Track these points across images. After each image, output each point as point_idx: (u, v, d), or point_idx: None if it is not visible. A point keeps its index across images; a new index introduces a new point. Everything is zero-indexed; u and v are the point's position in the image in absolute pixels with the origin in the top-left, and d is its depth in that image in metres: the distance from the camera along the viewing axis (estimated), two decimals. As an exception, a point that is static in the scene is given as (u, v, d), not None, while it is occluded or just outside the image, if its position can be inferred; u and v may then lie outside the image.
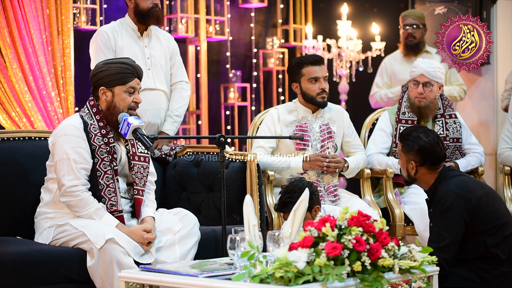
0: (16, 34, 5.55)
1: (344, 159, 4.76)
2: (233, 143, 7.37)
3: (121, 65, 3.95)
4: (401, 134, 3.98)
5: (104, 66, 3.95)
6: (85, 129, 3.89)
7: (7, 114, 5.59)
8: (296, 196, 4.01)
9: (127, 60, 4.03)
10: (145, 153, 4.06)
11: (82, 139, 3.86)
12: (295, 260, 2.82)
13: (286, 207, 4.13)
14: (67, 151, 3.82)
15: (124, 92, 3.93)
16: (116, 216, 3.85)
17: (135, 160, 4.00)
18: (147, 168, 4.06)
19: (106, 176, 3.87)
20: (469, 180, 3.82)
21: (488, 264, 3.72)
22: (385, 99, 6.15)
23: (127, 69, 3.94)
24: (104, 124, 3.93)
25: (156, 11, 4.69)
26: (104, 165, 3.87)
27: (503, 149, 5.09)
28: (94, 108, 3.95)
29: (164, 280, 3.09)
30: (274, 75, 7.80)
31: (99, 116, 3.93)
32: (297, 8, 7.95)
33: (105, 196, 3.85)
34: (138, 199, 3.99)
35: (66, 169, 3.81)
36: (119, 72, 3.92)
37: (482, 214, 3.70)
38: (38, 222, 3.97)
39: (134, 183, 3.99)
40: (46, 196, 3.96)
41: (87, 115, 3.94)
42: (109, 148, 3.90)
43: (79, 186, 3.81)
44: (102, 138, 3.90)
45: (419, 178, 3.91)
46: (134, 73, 3.96)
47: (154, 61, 4.74)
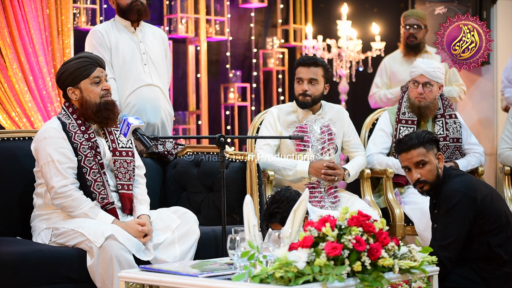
0: (16, 34, 5.55)
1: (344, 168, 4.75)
2: (233, 143, 7.37)
3: (77, 60, 3.97)
4: (405, 144, 3.88)
5: (63, 67, 3.97)
6: (64, 129, 3.91)
7: (7, 114, 5.59)
8: (284, 205, 3.97)
9: (83, 53, 4.06)
10: (127, 147, 4.06)
11: (63, 139, 3.89)
12: (295, 260, 2.82)
13: (274, 217, 4.02)
14: (50, 153, 3.84)
15: (90, 85, 3.94)
16: (108, 209, 3.87)
17: (116, 155, 4.02)
18: (132, 162, 4.06)
19: (93, 171, 3.89)
20: (473, 179, 3.83)
21: (490, 265, 3.72)
22: (384, 99, 6.15)
23: (85, 61, 3.96)
24: (82, 121, 3.95)
25: (136, 5, 4.72)
26: (89, 161, 3.89)
27: (503, 149, 5.09)
28: (69, 108, 3.98)
29: (164, 280, 3.09)
30: (274, 75, 7.80)
31: (76, 115, 3.95)
32: (297, 8, 7.95)
33: (94, 191, 3.87)
34: (123, 193, 4.00)
35: (52, 171, 3.83)
36: (78, 67, 3.94)
37: (487, 214, 3.70)
38: (34, 225, 3.98)
39: (117, 178, 4.00)
40: (38, 200, 3.98)
41: (64, 116, 3.97)
42: (91, 143, 3.92)
43: (68, 186, 3.82)
44: (83, 134, 3.92)
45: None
46: (94, 63, 3.97)
47: (150, 56, 4.75)
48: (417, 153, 3.82)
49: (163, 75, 4.83)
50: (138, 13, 4.74)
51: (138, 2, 4.72)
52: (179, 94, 7.21)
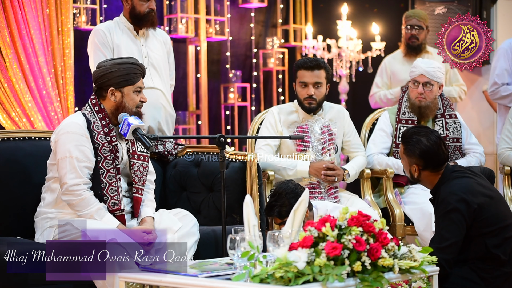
0: (16, 34, 5.55)
1: (344, 168, 4.75)
2: (233, 143, 7.38)
3: (130, 65, 3.96)
4: (402, 135, 3.96)
5: (114, 67, 3.93)
6: (88, 127, 3.89)
7: (7, 114, 5.59)
8: (282, 199, 4.00)
9: (133, 60, 4.04)
10: (144, 152, 4.06)
11: (85, 137, 3.86)
12: (295, 260, 2.82)
13: (272, 210, 4.08)
14: (70, 149, 3.82)
15: (133, 92, 3.95)
16: (117, 215, 3.85)
17: (134, 158, 4.01)
18: (147, 167, 4.06)
19: (109, 174, 3.87)
20: (472, 183, 3.79)
21: (489, 265, 3.71)
22: (385, 100, 6.15)
23: (136, 69, 3.97)
24: (106, 123, 3.93)
25: (151, 16, 4.70)
26: (107, 164, 3.87)
27: (503, 149, 5.09)
28: (96, 106, 3.95)
29: (164, 280, 3.09)
30: (274, 75, 7.80)
31: (101, 115, 3.93)
32: (297, 8, 7.95)
33: (107, 194, 3.85)
34: (137, 197, 4.00)
35: (68, 167, 3.80)
36: (130, 72, 3.94)
37: (484, 217, 3.69)
38: (38, 222, 3.96)
39: (134, 182, 3.99)
40: (47, 196, 3.95)
41: (89, 113, 3.93)
42: (112, 146, 3.91)
43: (81, 185, 3.80)
44: (105, 136, 3.90)
45: (422, 180, 3.91)
46: (141, 73, 4.00)
47: (152, 60, 4.74)
48: (401, 149, 3.93)
49: (165, 78, 4.82)
50: (152, 24, 4.73)
51: (153, 13, 4.70)
52: (179, 94, 7.21)
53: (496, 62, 5.77)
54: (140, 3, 4.66)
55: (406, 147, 3.88)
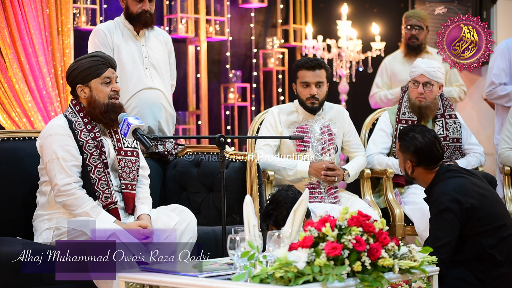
0: (16, 34, 5.55)
1: (344, 168, 4.75)
2: (233, 143, 7.38)
3: (90, 58, 3.97)
4: (399, 133, 4.00)
5: (75, 64, 3.97)
6: (70, 127, 3.91)
7: (7, 114, 5.59)
8: (279, 208, 3.92)
9: (96, 53, 4.07)
10: (132, 147, 4.06)
11: (69, 137, 3.88)
12: (295, 260, 2.82)
13: (268, 218, 3.99)
14: (55, 150, 3.84)
15: (100, 84, 3.95)
16: (111, 208, 3.87)
17: (121, 155, 4.02)
18: (136, 162, 4.06)
19: (97, 170, 3.89)
20: (466, 182, 3.79)
21: (486, 266, 3.71)
22: (385, 100, 6.15)
23: (98, 60, 3.96)
24: (88, 120, 3.95)
25: (145, 17, 4.70)
26: (94, 159, 3.89)
27: (503, 149, 5.09)
28: (76, 106, 3.97)
29: (164, 280, 3.09)
30: (274, 75, 7.80)
31: (82, 113, 3.95)
32: (297, 8, 7.95)
33: (98, 189, 3.87)
34: (127, 193, 3.99)
35: (56, 168, 3.83)
36: (91, 65, 3.94)
37: (478, 217, 3.70)
38: (36, 224, 3.98)
39: (121, 178, 4.00)
40: (41, 199, 3.98)
41: (70, 114, 3.96)
42: (96, 142, 3.92)
43: (72, 184, 3.82)
44: (88, 133, 3.92)
45: (416, 177, 3.93)
46: (106, 63, 3.98)
47: (152, 60, 4.74)
48: (397, 146, 3.97)
49: (165, 78, 4.82)
50: (144, 24, 4.73)
51: (147, 14, 4.70)
52: (179, 94, 7.21)
53: (493, 62, 5.77)
54: (133, 3, 4.69)
55: (401, 144, 3.92)
